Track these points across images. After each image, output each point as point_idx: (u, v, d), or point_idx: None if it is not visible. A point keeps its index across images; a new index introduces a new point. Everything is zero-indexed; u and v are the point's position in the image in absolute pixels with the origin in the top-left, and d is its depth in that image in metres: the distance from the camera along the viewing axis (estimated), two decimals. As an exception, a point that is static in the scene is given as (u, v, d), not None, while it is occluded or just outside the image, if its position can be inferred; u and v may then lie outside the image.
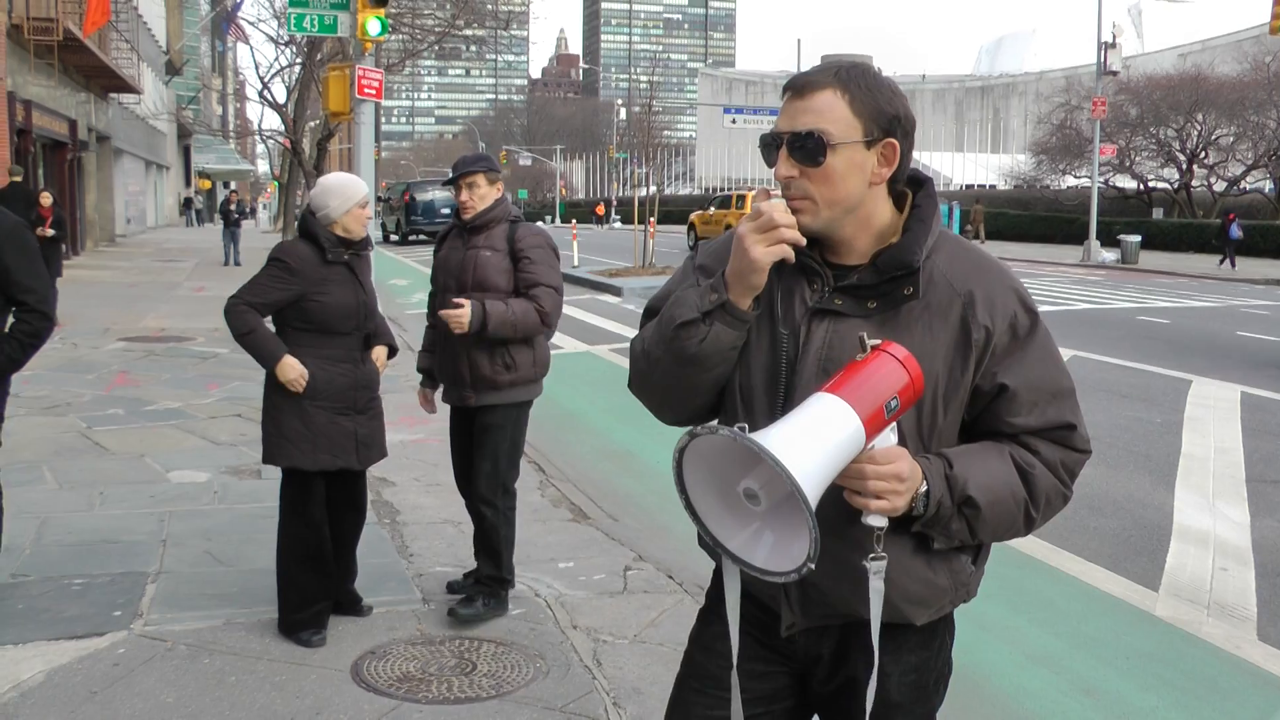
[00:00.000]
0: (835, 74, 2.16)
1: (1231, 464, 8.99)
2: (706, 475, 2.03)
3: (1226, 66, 55.43)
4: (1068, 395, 2.25)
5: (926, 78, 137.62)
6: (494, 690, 4.66)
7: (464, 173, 5.40)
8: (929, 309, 2.17)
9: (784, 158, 2.15)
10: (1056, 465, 2.22)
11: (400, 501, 7.41)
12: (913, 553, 2.20)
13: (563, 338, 15.94)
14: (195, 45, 66.59)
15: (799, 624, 2.30)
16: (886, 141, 2.17)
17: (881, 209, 2.22)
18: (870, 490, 2.02)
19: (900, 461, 2.04)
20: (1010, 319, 2.20)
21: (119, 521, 6.85)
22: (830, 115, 2.12)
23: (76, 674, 4.71)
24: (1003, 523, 2.20)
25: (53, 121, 29.02)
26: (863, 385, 1.98)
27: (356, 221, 5.16)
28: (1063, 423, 2.23)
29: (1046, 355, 2.23)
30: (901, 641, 2.28)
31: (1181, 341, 16.55)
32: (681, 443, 1.99)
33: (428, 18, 33.80)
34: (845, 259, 2.22)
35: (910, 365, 2.03)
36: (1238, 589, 6.24)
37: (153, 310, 18.50)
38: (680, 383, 2.27)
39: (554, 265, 5.42)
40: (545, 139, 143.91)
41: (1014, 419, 2.20)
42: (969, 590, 2.34)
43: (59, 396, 10.82)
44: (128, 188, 45.75)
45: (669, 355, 2.24)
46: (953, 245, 2.26)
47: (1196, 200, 50.44)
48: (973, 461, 2.16)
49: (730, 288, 2.16)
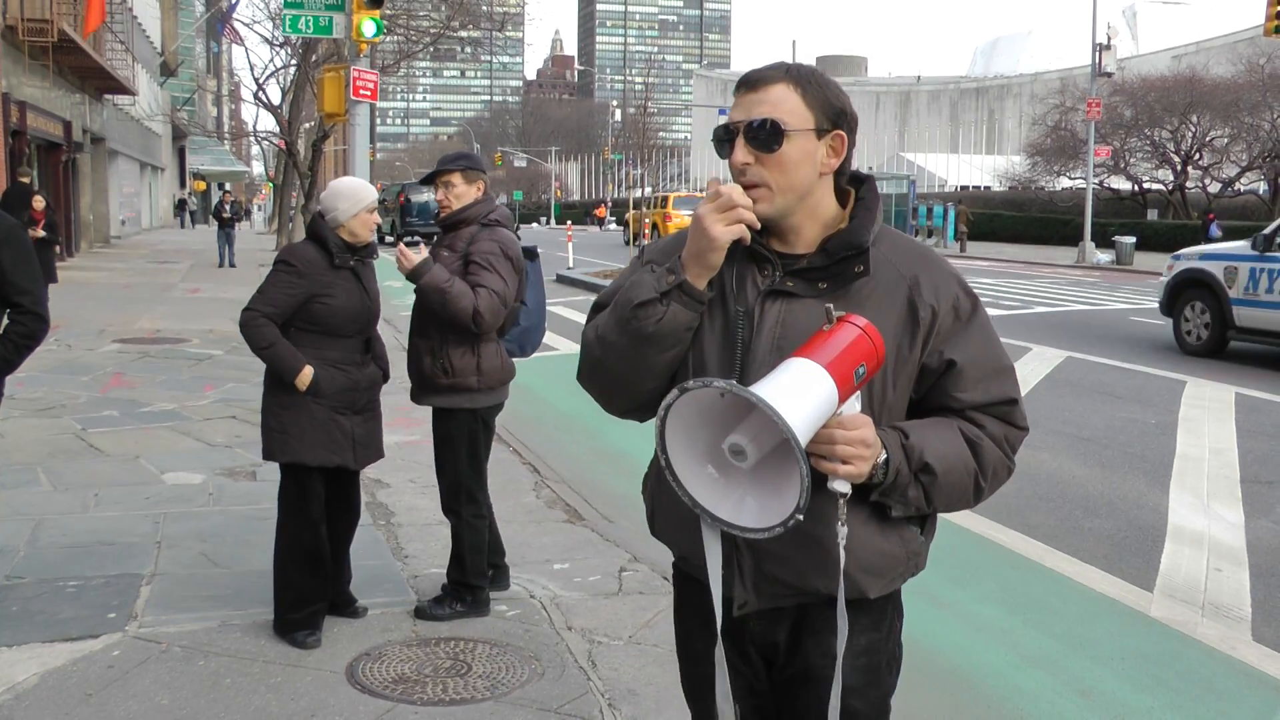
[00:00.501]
0: (786, 70, 2.32)
1: (1226, 465, 9.00)
2: (685, 438, 2.09)
3: (1221, 68, 55.53)
4: (1009, 373, 2.39)
5: (921, 79, 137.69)
6: (489, 692, 4.65)
7: (438, 171, 5.37)
8: (876, 290, 2.30)
9: (741, 145, 2.28)
10: (1000, 439, 2.35)
11: (395, 503, 7.41)
12: (867, 521, 2.29)
13: (557, 339, 15.94)
14: (190, 47, 66.55)
15: (751, 604, 2.37)
16: (835, 133, 2.32)
17: (828, 200, 2.37)
18: (839, 455, 2.12)
19: (866, 428, 2.15)
20: (953, 301, 2.34)
21: (114, 523, 6.84)
22: (784, 106, 2.27)
23: (71, 676, 4.70)
24: (955, 491, 2.31)
25: (47, 123, 28.98)
26: (834, 351, 2.08)
27: (363, 226, 5.15)
28: (1005, 398, 2.36)
29: (987, 336, 2.37)
30: (852, 622, 2.32)
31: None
32: (670, 399, 2.05)
33: (423, 19, 33.83)
34: (793, 247, 2.35)
35: (873, 334, 2.14)
36: (1232, 590, 6.25)
37: (148, 312, 18.47)
38: (635, 365, 2.35)
39: (501, 272, 5.24)
40: (540, 140, 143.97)
41: (960, 394, 2.33)
42: (918, 562, 2.43)
43: (54, 398, 10.80)
44: (122, 189, 45.69)
45: (625, 337, 2.33)
46: (895, 236, 2.41)
47: (1191, 202, 50.49)
48: (926, 432, 2.28)
49: (687, 268, 2.27)
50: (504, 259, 5.28)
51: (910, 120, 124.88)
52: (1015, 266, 36.92)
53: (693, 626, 2.56)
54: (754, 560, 2.33)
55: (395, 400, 5.64)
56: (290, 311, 5.05)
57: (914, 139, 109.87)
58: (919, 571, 2.47)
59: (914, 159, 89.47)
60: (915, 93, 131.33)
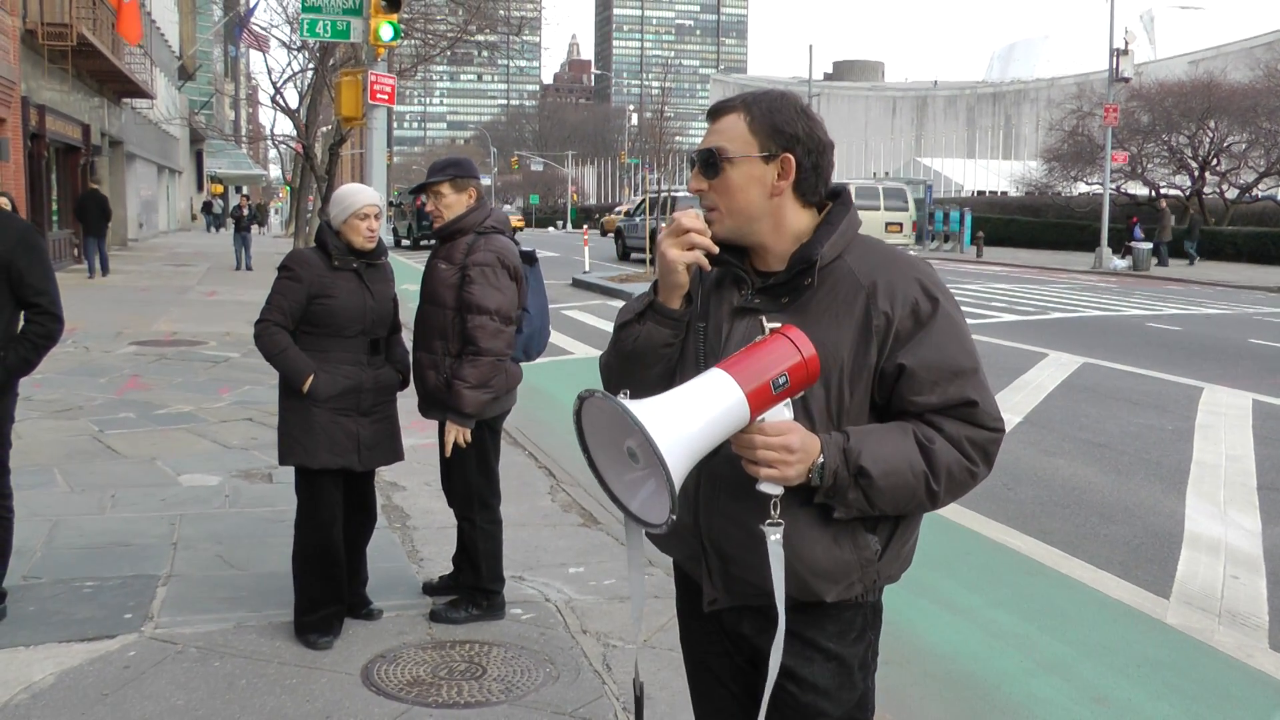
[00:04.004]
0: (743, 100, 2.44)
1: (1243, 471, 8.96)
2: (604, 436, 2.21)
3: (1239, 73, 55.24)
4: (969, 375, 2.39)
5: (938, 84, 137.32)
6: (504, 695, 4.66)
7: (427, 183, 5.34)
8: (836, 301, 2.38)
9: (694, 173, 2.46)
10: (961, 441, 2.36)
11: (410, 506, 7.42)
12: (816, 524, 2.35)
13: (573, 343, 15.96)
14: (208, 50, 66.87)
15: (722, 601, 2.49)
16: (784, 156, 2.39)
17: (794, 217, 2.44)
18: (760, 459, 2.20)
19: (790, 435, 2.22)
20: (911, 305, 2.37)
21: (130, 525, 6.86)
22: (729, 134, 2.41)
23: (87, 676, 4.72)
24: (901, 493, 2.33)
25: (66, 126, 29.13)
26: (752, 363, 2.18)
27: (353, 231, 5.16)
28: (963, 399, 2.37)
29: (949, 338, 2.38)
30: (818, 631, 2.45)
31: (1193, 348, 16.50)
32: (575, 405, 2.20)
33: (440, 23, 33.89)
34: (769, 265, 2.46)
35: (803, 346, 2.20)
36: (1249, 597, 6.22)
37: (164, 314, 18.55)
38: (629, 382, 2.48)
39: (497, 285, 5.19)
40: (557, 144, 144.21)
41: (916, 397, 2.36)
42: (880, 571, 2.45)
43: (71, 400, 10.85)
44: (140, 192, 45.86)
45: (617, 356, 2.55)
46: (865, 244, 2.47)
47: (1208, 207, 50.26)
48: (871, 436, 2.32)
49: (659, 290, 2.43)
50: (501, 270, 5.23)
51: (927, 125, 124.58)
52: (1031, 272, 36.80)
53: (686, 609, 2.71)
54: (720, 561, 2.45)
55: (409, 404, 5.64)
56: (298, 314, 5.11)
57: (930, 144, 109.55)
58: (887, 581, 2.50)
59: (930, 164, 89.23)
60: (932, 98, 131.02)
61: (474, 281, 5.16)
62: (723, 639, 2.62)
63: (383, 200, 5.48)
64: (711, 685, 2.69)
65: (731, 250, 2.44)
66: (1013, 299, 24.60)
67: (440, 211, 5.33)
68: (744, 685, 2.64)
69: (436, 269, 5.31)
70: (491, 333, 5.17)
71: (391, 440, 5.40)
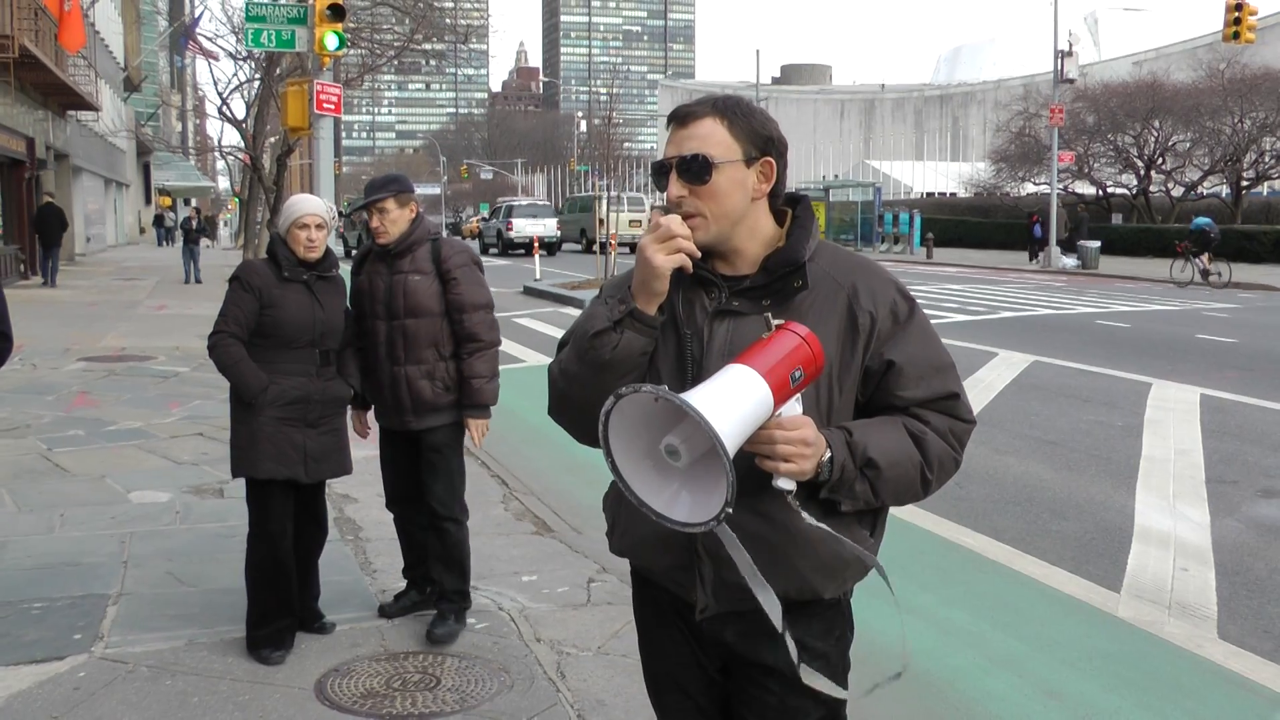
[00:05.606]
0: (713, 105, 2.44)
1: (1191, 465, 9.07)
2: (629, 438, 2.18)
3: (1182, 74, 55.92)
4: (949, 369, 2.49)
5: (886, 87, 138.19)
6: (458, 704, 4.64)
7: (371, 200, 5.35)
8: (817, 301, 2.42)
9: (674, 180, 2.41)
10: (946, 432, 2.45)
11: (363, 518, 7.38)
12: (818, 521, 2.34)
13: (525, 350, 15.93)
14: (154, 61, 66.22)
15: (711, 608, 2.49)
16: (764, 160, 2.44)
17: (764, 221, 2.49)
18: (779, 454, 2.21)
19: (806, 428, 2.24)
20: (890, 306, 2.45)
21: (79, 544, 6.78)
22: (712, 140, 2.40)
23: (36, 699, 4.66)
24: (903, 483, 2.40)
25: (10, 139, 28.75)
26: (769, 357, 2.19)
27: (294, 241, 5.17)
28: (947, 392, 2.46)
29: (926, 336, 2.48)
30: (805, 630, 2.47)
31: (1141, 345, 16.70)
32: (608, 405, 2.14)
33: (386, 33, 33.68)
34: (737, 269, 2.47)
35: (811, 341, 2.25)
36: (1198, 588, 6.30)
37: (113, 329, 18.34)
38: (598, 392, 2.35)
39: (480, 282, 5.44)
40: (506, 152, 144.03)
41: (903, 392, 2.43)
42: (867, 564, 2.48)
43: (18, 418, 10.71)
44: (87, 206, 45.37)
45: (585, 367, 2.44)
46: (832, 249, 2.54)
47: (1155, 206, 50.85)
48: (870, 429, 2.38)
49: (636, 296, 2.39)
50: (475, 267, 5.47)
51: (875, 128, 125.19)
52: (981, 272, 37.12)
53: (651, 621, 2.71)
54: (714, 567, 2.43)
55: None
56: (251, 325, 5.10)
57: (879, 147, 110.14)
58: (866, 574, 2.54)
59: (879, 166, 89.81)
60: (880, 101, 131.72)
61: (460, 282, 5.34)
62: (692, 649, 2.62)
63: (332, 211, 5.45)
64: (678, 698, 2.69)
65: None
66: (963, 299, 24.80)
67: (387, 227, 5.33)
68: (711, 698, 2.65)
69: (410, 282, 5.31)
70: (489, 325, 5.41)
71: (339, 453, 5.37)
